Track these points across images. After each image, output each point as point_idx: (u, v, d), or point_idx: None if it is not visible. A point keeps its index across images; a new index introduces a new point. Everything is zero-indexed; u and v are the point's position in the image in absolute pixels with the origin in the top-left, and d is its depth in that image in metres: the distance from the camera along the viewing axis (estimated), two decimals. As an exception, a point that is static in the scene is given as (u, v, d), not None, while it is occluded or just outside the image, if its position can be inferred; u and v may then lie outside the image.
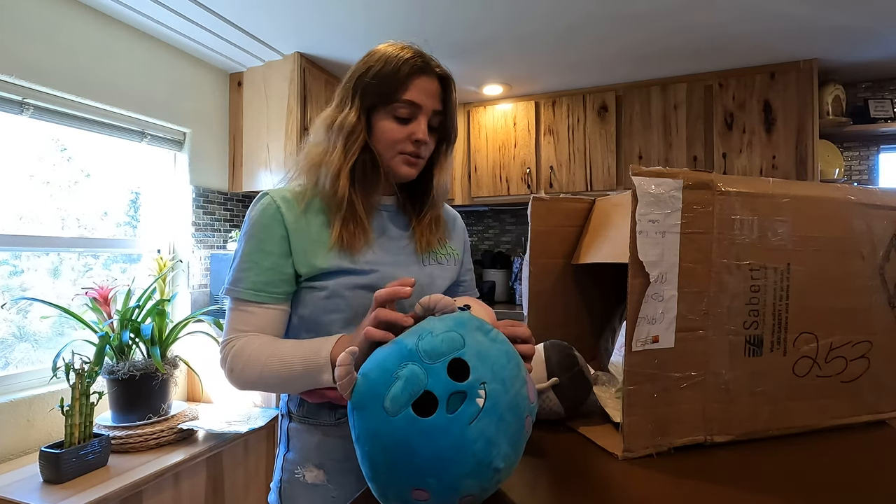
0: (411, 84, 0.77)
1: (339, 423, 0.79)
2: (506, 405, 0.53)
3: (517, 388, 0.55)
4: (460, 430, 0.50)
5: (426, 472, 0.50)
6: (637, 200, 0.67)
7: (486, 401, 0.51)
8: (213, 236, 2.39)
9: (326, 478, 0.78)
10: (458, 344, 0.54)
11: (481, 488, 0.52)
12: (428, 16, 1.97)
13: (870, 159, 2.66)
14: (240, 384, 0.76)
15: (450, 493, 0.51)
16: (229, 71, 2.46)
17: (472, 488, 0.51)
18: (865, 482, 0.65)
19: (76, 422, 1.44)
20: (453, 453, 0.50)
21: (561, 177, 2.82)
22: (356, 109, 0.79)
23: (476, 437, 0.50)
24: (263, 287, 0.75)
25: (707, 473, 0.66)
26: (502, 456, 0.52)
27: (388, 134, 0.79)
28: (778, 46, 2.26)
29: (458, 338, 0.55)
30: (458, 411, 0.50)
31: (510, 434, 0.53)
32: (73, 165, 1.95)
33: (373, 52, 0.81)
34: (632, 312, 0.68)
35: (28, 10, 1.65)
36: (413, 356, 0.53)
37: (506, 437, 0.52)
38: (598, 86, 2.75)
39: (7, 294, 1.74)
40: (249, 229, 0.78)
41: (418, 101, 0.78)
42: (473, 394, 0.51)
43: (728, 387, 0.74)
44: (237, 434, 1.78)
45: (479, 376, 0.52)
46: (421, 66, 0.78)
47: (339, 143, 0.78)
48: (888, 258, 0.80)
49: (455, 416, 0.50)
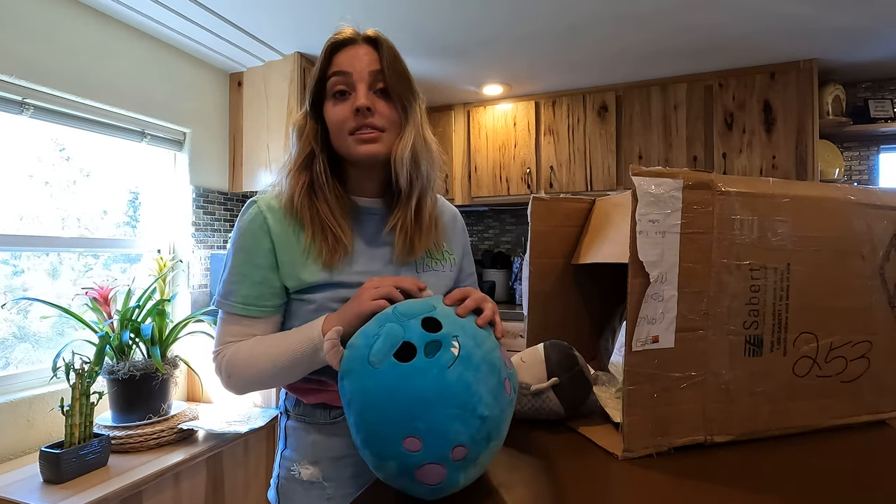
0: (335, 58, 0.74)
1: (334, 422, 0.79)
2: (480, 358, 0.57)
3: (489, 347, 0.60)
4: (440, 372, 0.54)
5: (413, 416, 0.53)
6: (637, 200, 0.67)
7: (461, 350, 0.56)
8: (213, 236, 2.39)
9: (322, 475, 0.78)
10: (430, 307, 0.61)
11: (470, 438, 0.54)
12: (428, 15, 1.97)
13: (870, 159, 2.66)
14: (238, 387, 0.75)
15: (440, 441, 0.53)
16: (229, 71, 2.46)
17: (460, 436, 0.53)
18: (865, 482, 0.65)
19: (76, 422, 1.44)
20: (435, 394, 0.53)
21: (561, 177, 2.82)
22: (304, 110, 0.78)
23: (455, 380, 0.54)
24: (254, 301, 0.74)
25: (707, 473, 0.66)
26: (484, 404, 0.55)
27: (333, 116, 0.74)
28: (778, 46, 2.26)
29: (430, 304, 0.62)
30: (435, 356, 0.55)
31: (490, 386, 0.56)
32: (73, 165, 1.95)
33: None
34: (632, 312, 0.68)
35: (28, 10, 1.65)
36: (389, 318, 0.60)
37: (485, 387, 0.56)
38: (598, 86, 2.75)
39: (7, 294, 1.74)
40: (238, 240, 0.76)
41: (346, 68, 0.73)
42: (448, 343, 0.56)
43: (728, 387, 0.74)
44: (237, 434, 1.78)
45: (450, 331, 0.58)
46: (343, 39, 0.75)
47: (300, 146, 0.77)
48: (888, 258, 0.80)
49: (434, 360, 0.55)
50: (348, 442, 0.78)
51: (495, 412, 0.57)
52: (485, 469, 0.61)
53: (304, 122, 0.77)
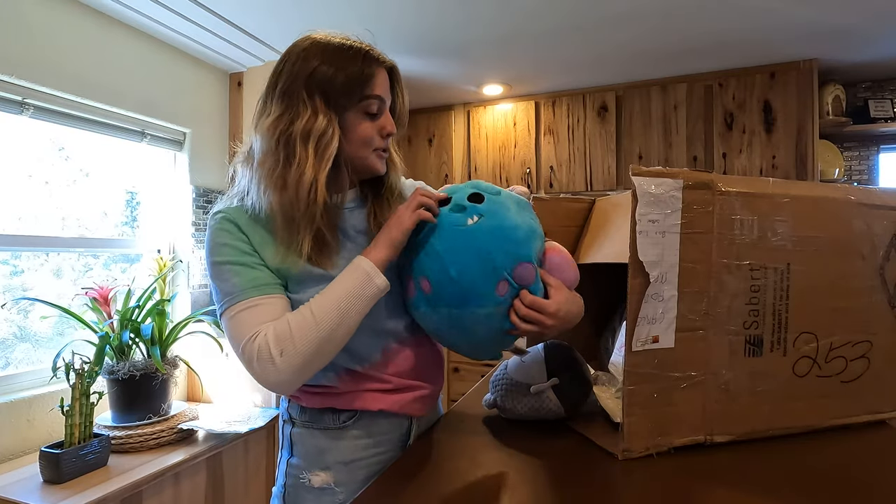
0: (375, 79, 0.76)
1: (343, 426, 0.78)
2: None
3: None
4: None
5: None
6: (637, 200, 0.67)
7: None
8: (213, 236, 2.39)
9: (334, 481, 0.77)
10: (494, 191, 0.77)
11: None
12: (428, 15, 1.97)
13: (870, 159, 2.66)
14: (296, 367, 0.67)
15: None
16: (229, 71, 2.46)
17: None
18: (865, 482, 0.65)
19: (76, 422, 1.44)
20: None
21: (561, 177, 2.82)
22: (323, 113, 0.72)
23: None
24: (264, 280, 0.71)
25: (707, 473, 0.66)
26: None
27: (363, 133, 0.76)
28: (778, 46, 2.26)
29: (505, 200, 0.76)
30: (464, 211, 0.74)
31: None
32: (73, 165, 1.95)
33: (308, 47, 0.74)
34: (632, 312, 0.68)
35: (28, 10, 1.65)
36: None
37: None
38: (598, 86, 2.75)
39: (8, 294, 1.74)
40: (214, 248, 0.73)
41: (383, 94, 0.77)
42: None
43: (728, 387, 0.74)
44: (237, 434, 1.78)
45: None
46: (377, 59, 0.77)
47: (310, 151, 0.71)
48: (888, 258, 0.80)
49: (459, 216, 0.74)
50: (359, 445, 0.78)
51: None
52: None
53: (328, 127, 0.72)
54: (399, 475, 0.70)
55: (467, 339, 0.76)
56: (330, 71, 0.73)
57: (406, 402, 0.80)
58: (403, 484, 0.68)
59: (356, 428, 0.78)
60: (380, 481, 0.68)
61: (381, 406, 0.78)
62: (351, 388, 0.77)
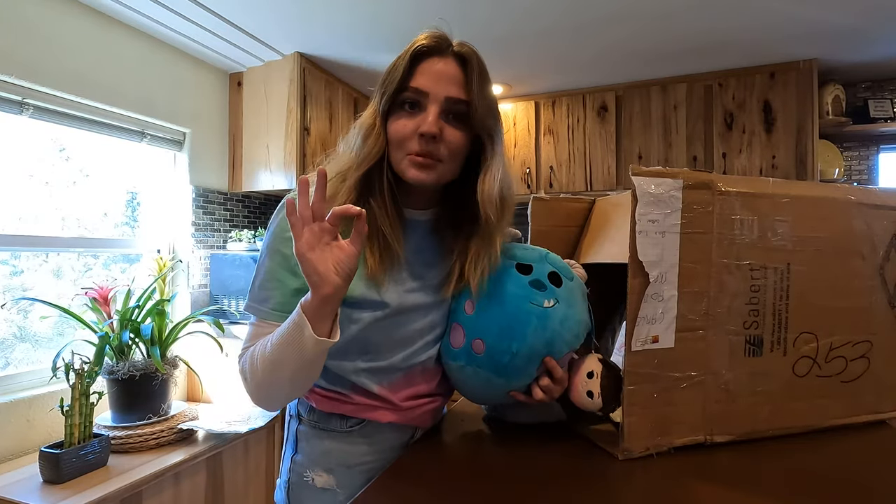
0: (418, 69, 0.68)
1: (350, 431, 0.78)
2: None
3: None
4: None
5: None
6: (637, 200, 0.67)
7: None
8: (212, 236, 2.39)
9: (336, 482, 0.77)
10: (570, 275, 0.77)
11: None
12: (427, 15, 1.96)
13: (870, 159, 2.66)
14: (256, 391, 0.68)
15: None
16: (229, 71, 2.46)
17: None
18: (865, 482, 0.65)
19: (76, 422, 1.43)
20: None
21: (561, 177, 2.82)
22: (373, 109, 0.70)
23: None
24: (290, 308, 0.67)
25: (707, 473, 0.66)
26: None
27: (395, 131, 0.69)
28: (778, 46, 2.26)
29: (576, 286, 0.77)
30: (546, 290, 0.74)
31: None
32: (73, 165, 1.95)
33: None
34: (632, 312, 0.68)
35: (28, 10, 1.65)
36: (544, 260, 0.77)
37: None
38: (598, 86, 2.75)
39: (8, 294, 1.74)
40: (273, 242, 0.71)
41: (425, 87, 0.67)
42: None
43: (728, 387, 0.74)
44: (237, 434, 1.78)
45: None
46: (429, 47, 0.68)
47: (357, 145, 0.70)
48: (888, 258, 0.80)
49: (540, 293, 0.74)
50: (363, 450, 0.78)
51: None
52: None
53: (373, 123, 0.69)
54: (399, 475, 0.70)
55: (485, 395, 0.80)
56: (388, 67, 0.70)
57: (416, 416, 0.80)
58: (403, 484, 0.68)
59: (362, 434, 0.78)
60: (380, 481, 0.68)
61: (390, 419, 0.77)
62: (363, 401, 0.76)
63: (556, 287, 0.74)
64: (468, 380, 0.76)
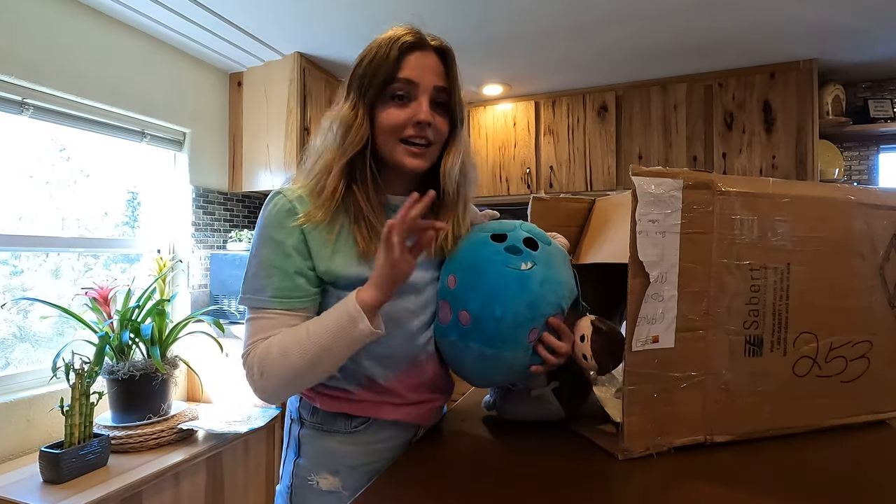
0: (405, 61, 0.72)
1: (355, 431, 0.78)
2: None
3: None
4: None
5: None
6: (637, 200, 0.67)
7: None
8: (212, 236, 2.39)
9: (342, 484, 0.77)
10: (547, 241, 0.78)
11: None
12: (428, 16, 1.96)
13: (870, 159, 2.66)
14: (273, 386, 0.69)
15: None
16: (229, 71, 2.46)
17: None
18: (865, 482, 0.65)
19: (76, 422, 1.43)
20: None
21: (561, 177, 2.82)
22: (352, 102, 0.74)
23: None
24: (289, 292, 0.71)
25: (707, 473, 0.66)
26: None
27: (387, 120, 0.73)
28: (778, 46, 2.26)
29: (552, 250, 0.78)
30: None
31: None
32: (73, 165, 1.95)
33: (370, 43, 0.76)
34: (632, 312, 0.68)
35: (28, 10, 1.65)
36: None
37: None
38: (598, 86, 2.75)
39: (7, 294, 1.74)
40: (264, 231, 0.73)
41: (415, 77, 0.72)
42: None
43: (728, 387, 0.74)
44: (237, 434, 1.78)
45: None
46: (413, 42, 0.73)
47: (337, 137, 0.74)
48: (888, 258, 0.80)
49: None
50: (368, 450, 0.78)
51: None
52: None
53: (354, 117, 0.73)
54: (400, 475, 0.70)
55: (484, 373, 0.78)
56: (366, 62, 0.74)
57: (419, 414, 0.80)
58: (404, 484, 0.68)
59: (366, 433, 0.78)
60: (380, 481, 0.68)
61: (395, 416, 0.78)
62: (368, 397, 0.77)
63: (533, 251, 0.75)
64: (463, 357, 0.76)
